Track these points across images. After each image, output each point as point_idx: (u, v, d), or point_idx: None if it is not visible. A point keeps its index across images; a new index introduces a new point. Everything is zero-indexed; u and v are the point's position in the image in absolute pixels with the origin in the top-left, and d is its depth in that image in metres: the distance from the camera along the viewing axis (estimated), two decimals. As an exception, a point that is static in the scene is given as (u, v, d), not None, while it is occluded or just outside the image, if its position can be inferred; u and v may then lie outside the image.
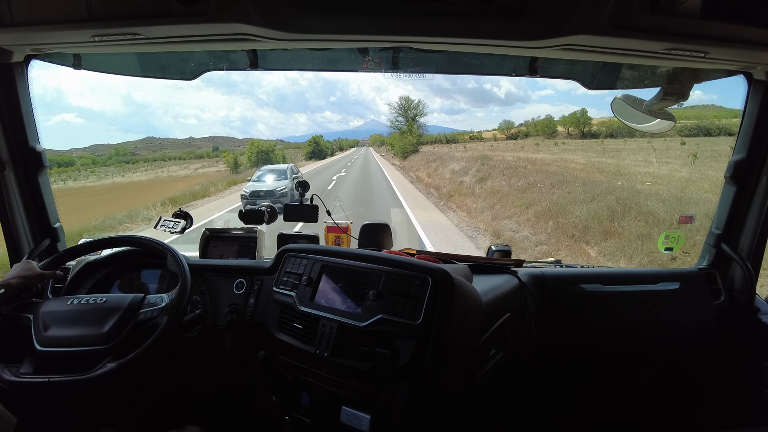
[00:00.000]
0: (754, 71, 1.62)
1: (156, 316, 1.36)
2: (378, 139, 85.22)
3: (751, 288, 1.81)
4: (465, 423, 1.42)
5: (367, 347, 1.24)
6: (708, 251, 1.94)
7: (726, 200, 1.82)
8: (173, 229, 1.83)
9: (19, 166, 1.69)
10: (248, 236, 1.95)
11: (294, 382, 1.38)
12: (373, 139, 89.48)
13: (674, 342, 1.83)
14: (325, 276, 1.42)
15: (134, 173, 39.93)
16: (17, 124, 1.66)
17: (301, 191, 2.03)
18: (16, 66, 1.60)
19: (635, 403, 1.91)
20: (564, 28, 1.21)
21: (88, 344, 1.27)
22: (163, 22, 1.23)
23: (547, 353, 1.73)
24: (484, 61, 1.79)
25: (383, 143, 65.24)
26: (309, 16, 1.22)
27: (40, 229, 1.79)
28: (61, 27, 1.28)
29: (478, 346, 1.37)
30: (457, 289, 1.25)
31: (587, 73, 1.82)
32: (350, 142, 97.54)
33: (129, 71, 1.82)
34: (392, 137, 59.07)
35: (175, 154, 52.65)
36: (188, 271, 1.43)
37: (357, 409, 1.24)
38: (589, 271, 1.92)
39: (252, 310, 1.59)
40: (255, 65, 1.75)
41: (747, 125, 1.72)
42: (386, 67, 1.73)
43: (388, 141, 60.17)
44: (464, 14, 1.24)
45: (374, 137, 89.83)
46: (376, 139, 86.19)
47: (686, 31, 1.24)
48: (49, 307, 1.35)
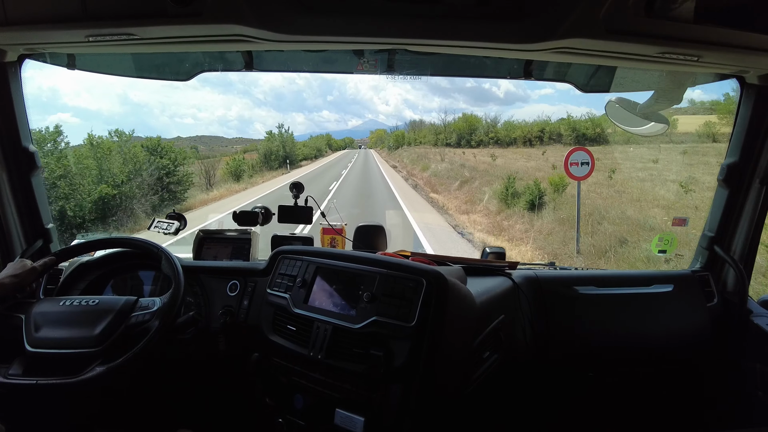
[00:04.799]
0: (747, 75, 1.63)
1: (148, 319, 1.34)
2: (381, 137, 64.14)
3: (743, 290, 1.82)
4: (459, 425, 1.42)
5: (361, 349, 1.24)
6: (701, 254, 1.95)
7: (719, 203, 1.83)
8: (167, 230, 1.83)
9: (12, 166, 1.68)
10: (242, 238, 1.95)
11: (288, 384, 1.38)
12: (375, 137, 68.77)
13: (668, 344, 1.84)
14: (319, 278, 1.42)
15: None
16: (10, 124, 1.65)
17: (295, 192, 2.02)
18: (10, 66, 1.59)
19: (629, 404, 1.91)
20: (559, 32, 1.22)
21: (79, 346, 1.26)
22: (158, 23, 1.23)
23: (541, 355, 1.73)
24: (479, 64, 1.79)
25: (400, 145, 46.13)
26: (304, 17, 1.22)
27: (32, 230, 1.78)
28: (55, 26, 1.27)
29: (473, 348, 1.37)
30: (451, 291, 1.25)
31: (582, 76, 1.83)
32: (339, 142, 71.98)
33: (123, 72, 1.81)
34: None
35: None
36: (182, 274, 1.42)
37: (351, 411, 1.23)
38: (582, 273, 1.93)
39: (246, 312, 1.59)
40: (250, 66, 1.75)
41: (739, 129, 1.73)
42: (381, 69, 1.74)
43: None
44: (459, 17, 1.24)
45: (377, 134, 69.13)
46: (379, 137, 65.36)
47: (680, 35, 1.25)
48: (42, 307, 1.34)
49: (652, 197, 12.50)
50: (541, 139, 28.60)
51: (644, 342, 1.83)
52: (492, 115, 46.79)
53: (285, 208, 2.02)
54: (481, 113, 38.51)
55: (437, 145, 36.17)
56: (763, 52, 1.34)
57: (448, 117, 50.48)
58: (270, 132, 35.98)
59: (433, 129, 41.48)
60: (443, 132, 37.95)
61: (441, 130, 39.10)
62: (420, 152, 34.34)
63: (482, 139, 32.61)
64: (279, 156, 32.98)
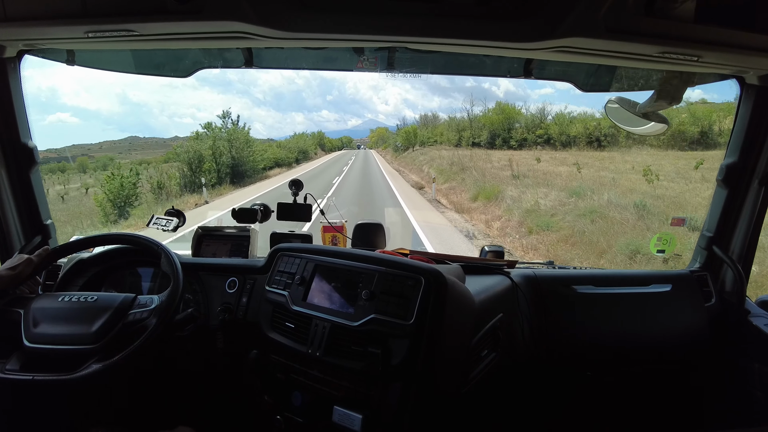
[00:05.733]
0: (747, 75, 1.63)
1: (145, 317, 1.34)
2: (383, 136, 58.01)
3: (741, 290, 1.83)
4: (457, 423, 1.42)
5: (360, 347, 1.24)
6: (699, 254, 1.95)
7: (717, 203, 1.84)
8: (166, 227, 1.82)
9: (11, 162, 1.68)
10: (241, 235, 1.95)
11: (286, 382, 1.38)
12: (375, 135, 63.68)
13: (666, 343, 1.84)
14: (318, 275, 1.42)
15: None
16: (9, 120, 1.65)
17: (294, 190, 2.02)
18: (9, 61, 1.59)
19: (627, 403, 1.92)
20: (559, 31, 1.22)
21: (76, 343, 1.26)
22: (158, 19, 1.23)
23: (539, 354, 1.73)
24: (479, 62, 1.79)
25: (411, 144, 37.14)
26: (305, 14, 1.22)
27: (31, 226, 1.78)
28: (54, 22, 1.27)
29: (471, 347, 1.37)
30: (449, 289, 1.25)
31: (582, 75, 1.83)
32: (334, 141, 66.30)
33: (123, 68, 1.81)
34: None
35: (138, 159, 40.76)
36: (181, 273, 1.41)
37: (349, 408, 1.24)
38: (581, 273, 1.93)
39: (244, 310, 1.59)
40: (250, 63, 1.75)
41: (739, 129, 1.74)
42: (381, 67, 1.73)
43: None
44: (460, 15, 1.24)
45: (377, 132, 64.16)
46: (381, 136, 59.88)
47: (680, 35, 1.25)
48: (41, 303, 1.34)
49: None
50: (611, 137, 21.21)
51: (642, 341, 1.84)
52: (532, 107, 34.28)
53: (284, 206, 2.02)
54: (481, 113, 30.74)
55: (460, 146, 28.40)
56: (762, 53, 1.34)
57: (475, 108, 35.98)
58: (208, 125, 23.12)
59: (454, 124, 32.84)
60: (469, 128, 29.90)
61: (465, 125, 30.77)
62: (447, 156, 24.43)
63: (526, 137, 25.38)
64: (223, 165, 21.27)
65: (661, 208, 10.80)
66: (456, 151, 25.73)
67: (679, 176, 13.83)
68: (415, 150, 34.12)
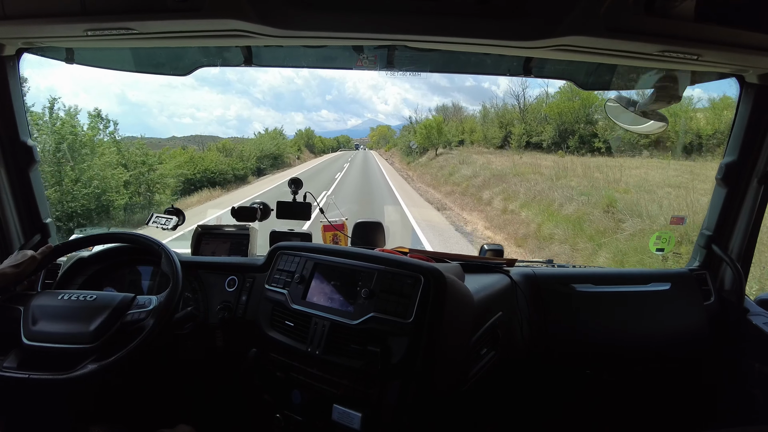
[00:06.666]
0: (746, 74, 1.63)
1: (143, 318, 1.34)
2: (384, 135, 52.51)
3: (740, 289, 1.83)
4: (456, 421, 1.42)
5: (359, 345, 1.24)
6: (699, 252, 1.95)
7: (717, 202, 1.84)
8: (165, 225, 1.82)
9: (9, 160, 1.67)
10: (240, 233, 1.94)
11: (286, 380, 1.38)
12: (376, 134, 58.71)
13: (665, 342, 1.85)
14: (317, 274, 1.42)
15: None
16: (8, 118, 1.64)
17: (293, 188, 2.02)
18: (8, 59, 1.58)
19: (626, 402, 1.92)
20: (559, 29, 1.22)
21: (73, 342, 1.26)
22: (157, 17, 1.23)
23: (538, 352, 1.73)
24: (479, 61, 1.78)
25: (434, 144, 25.28)
26: (304, 12, 1.22)
27: (30, 225, 1.78)
28: (53, 20, 1.27)
29: (470, 345, 1.37)
30: (448, 287, 1.25)
31: (581, 74, 1.83)
32: (330, 141, 60.65)
33: (122, 66, 1.81)
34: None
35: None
36: (181, 274, 1.41)
37: (348, 407, 1.24)
38: (580, 271, 1.93)
39: (244, 308, 1.59)
40: (249, 62, 1.74)
41: (738, 128, 1.74)
42: (381, 65, 1.73)
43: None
44: (459, 14, 1.24)
45: (378, 131, 59.31)
46: (382, 135, 54.61)
47: (680, 34, 1.25)
48: (40, 300, 1.34)
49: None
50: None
51: (641, 340, 1.84)
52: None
53: (283, 204, 2.02)
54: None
55: (506, 147, 20.61)
56: (762, 52, 1.34)
57: (531, 93, 26.71)
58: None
59: (496, 116, 23.66)
60: (521, 121, 20.92)
61: (512, 117, 21.86)
62: (507, 168, 15.59)
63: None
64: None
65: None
66: (510, 156, 17.91)
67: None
68: (440, 154, 23.98)
